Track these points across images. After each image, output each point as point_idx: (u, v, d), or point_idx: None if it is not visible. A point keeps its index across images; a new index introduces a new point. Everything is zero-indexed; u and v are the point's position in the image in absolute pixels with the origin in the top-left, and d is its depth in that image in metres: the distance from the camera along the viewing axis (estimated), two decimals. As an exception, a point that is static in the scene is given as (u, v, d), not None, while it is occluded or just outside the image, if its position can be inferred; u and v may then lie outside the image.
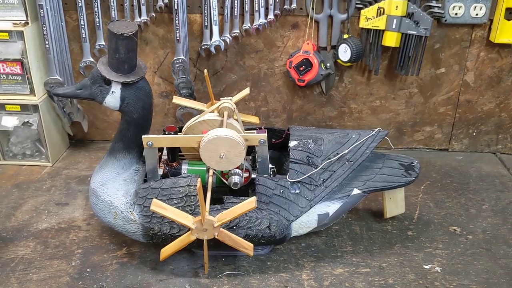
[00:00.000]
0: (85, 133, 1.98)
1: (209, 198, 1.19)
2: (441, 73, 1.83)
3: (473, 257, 1.38)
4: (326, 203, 1.27)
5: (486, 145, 1.96)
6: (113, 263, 1.34)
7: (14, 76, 1.70)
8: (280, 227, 1.24)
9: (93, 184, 1.31)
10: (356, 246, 1.42)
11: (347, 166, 1.27)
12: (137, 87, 1.20)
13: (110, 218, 1.29)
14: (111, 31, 1.09)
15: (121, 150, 1.28)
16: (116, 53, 1.11)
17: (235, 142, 1.14)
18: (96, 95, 1.21)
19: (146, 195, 1.23)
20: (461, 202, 1.64)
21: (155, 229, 1.23)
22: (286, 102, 1.91)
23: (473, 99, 1.87)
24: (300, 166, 1.25)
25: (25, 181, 1.74)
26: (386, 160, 1.35)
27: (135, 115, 1.22)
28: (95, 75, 1.18)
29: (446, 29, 1.74)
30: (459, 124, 1.93)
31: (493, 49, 1.77)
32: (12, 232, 1.47)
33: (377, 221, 1.53)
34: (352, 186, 1.29)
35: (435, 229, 1.50)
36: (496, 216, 1.56)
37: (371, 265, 1.34)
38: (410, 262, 1.36)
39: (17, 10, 1.65)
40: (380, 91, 1.87)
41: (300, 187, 1.25)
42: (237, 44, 1.80)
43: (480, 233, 1.48)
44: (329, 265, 1.34)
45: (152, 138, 1.21)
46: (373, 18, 1.67)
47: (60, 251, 1.39)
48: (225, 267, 1.33)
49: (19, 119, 1.74)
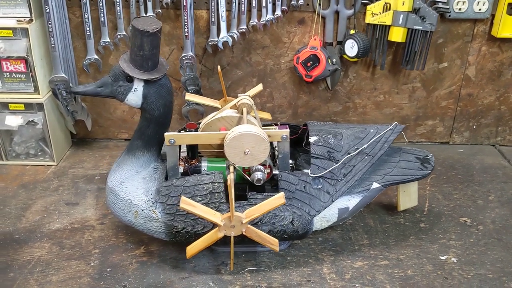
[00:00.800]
0: (87, 131, 1.96)
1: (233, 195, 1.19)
2: (444, 68, 1.86)
3: (486, 247, 1.41)
4: (346, 197, 1.29)
5: (486, 137, 2.01)
6: (133, 262, 1.33)
7: (18, 74, 1.66)
8: (302, 222, 1.25)
9: (110, 183, 1.29)
10: (372, 239, 1.44)
11: (367, 161, 1.29)
12: (159, 84, 1.19)
13: (130, 217, 1.28)
14: (136, 27, 1.08)
15: (140, 148, 1.27)
16: (141, 50, 1.10)
17: (260, 139, 1.15)
18: (117, 92, 1.19)
19: (169, 193, 1.22)
20: (468, 194, 1.68)
21: (179, 227, 1.22)
22: (291, 98, 1.92)
23: (474, 92, 1.91)
24: (322, 161, 1.27)
25: (31, 181, 1.71)
26: (402, 154, 1.37)
27: (156, 112, 1.21)
28: (117, 73, 1.17)
29: (449, 24, 1.78)
30: (460, 117, 1.97)
31: (494, 43, 1.81)
32: (25, 233, 1.44)
33: (389, 214, 1.56)
34: (372, 180, 1.30)
35: (446, 220, 1.53)
36: (503, 207, 1.60)
37: (389, 258, 1.37)
38: (426, 253, 1.38)
39: (20, 7, 1.61)
40: (384, 86, 1.90)
41: (321, 182, 1.26)
42: (243, 40, 1.79)
43: (490, 224, 1.52)
44: (348, 259, 1.36)
45: (175, 136, 1.20)
46: (379, 13, 1.69)
47: (77, 252, 1.37)
48: (246, 263, 1.33)
49: (24, 118, 1.71)
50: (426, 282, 1.28)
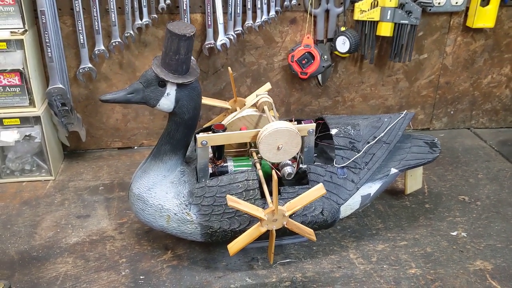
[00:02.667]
0: (79, 142, 1.91)
1: (267, 190, 1.22)
2: (424, 59, 1.99)
3: (489, 220, 1.53)
4: (368, 184, 1.36)
5: (462, 121, 2.16)
6: (164, 267, 1.33)
7: (12, 87, 1.60)
8: (331, 212, 1.30)
9: (137, 190, 1.29)
10: (386, 223, 1.52)
11: (385, 148, 1.36)
12: (191, 88, 1.20)
13: (162, 222, 1.28)
14: (173, 32, 1.08)
15: (168, 153, 1.27)
16: (177, 54, 1.10)
17: (293, 133, 1.19)
18: (149, 98, 1.18)
19: (203, 194, 1.24)
20: (459, 174, 1.80)
21: (215, 226, 1.24)
22: (284, 96, 1.97)
23: (451, 80, 2.05)
24: (345, 152, 1.33)
25: (32, 197, 1.65)
26: (412, 140, 1.47)
27: (187, 115, 1.22)
28: (149, 78, 1.16)
29: (428, 17, 1.90)
30: (439, 104, 2.10)
31: (468, 33, 1.96)
32: (42, 250, 1.40)
33: (395, 198, 1.65)
34: (390, 166, 1.38)
35: (447, 199, 1.64)
36: (492, 183, 1.74)
37: (406, 238, 1.45)
38: (438, 231, 1.48)
39: (13, 17, 1.55)
40: (371, 79, 1.99)
41: (346, 172, 1.32)
42: (237, 42, 1.83)
43: (486, 199, 1.65)
44: (370, 243, 1.43)
45: (207, 137, 1.22)
46: (367, 10, 1.78)
47: (104, 263, 1.35)
48: (276, 256, 1.37)
49: (20, 133, 1.65)
50: (446, 256, 1.37)
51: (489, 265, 1.34)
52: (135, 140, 1.96)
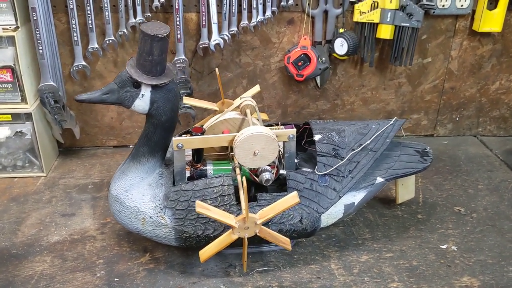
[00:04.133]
0: (74, 140, 1.91)
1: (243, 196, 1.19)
2: (428, 63, 1.92)
3: (483, 234, 1.47)
4: (352, 193, 1.31)
5: (468, 128, 2.08)
6: (140, 270, 1.31)
7: (4, 84, 1.61)
8: (311, 220, 1.26)
9: (115, 191, 1.27)
10: (374, 232, 1.47)
11: (370, 156, 1.31)
12: (166, 89, 1.18)
13: (137, 225, 1.26)
14: (146, 32, 1.06)
15: (145, 154, 1.25)
16: (150, 55, 1.08)
17: (270, 139, 1.15)
18: (124, 99, 1.17)
19: (178, 198, 1.21)
20: (458, 184, 1.73)
21: (189, 231, 1.22)
22: (281, 98, 1.93)
23: (456, 86, 1.98)
24: (327, 159, 1.28)
25: (21, 194, 1.66)
26: (402, 148, 1.41)
27: (163, 117, 1.20)
28: (123, 79, 1.15)
29: (433, 20, 1.83)
30: (444, 110, 2.03)
31: (475, 37, 1.88)
32: (23, 247, 1.40)
33: (387, 207, 1.59)
34: (375, 175, 1.33)
35: (441, 210, 1.58)
36: (492, 194, 1.67)
37: (392, 250, 1.40)
38: (428, 243, 1.42)
39: (5, 14, 1.56)
40: (372, 82, 1.94)
41: (328, 179, 1.28)
42: (233, 42, 1.80)
43: (483, 211, 1.57)
44: (354, 253, 1.38)
45: (183, 140, 1.19)
46: (367, 12, 1.73)
47: (81, 263, 1.34)
48: (254, 263, 1.34)
49: (11, 129, 1.66)
50: (432, 271, 1.32)
51: (476, 281, 1.28)
52: (130, 139, 1.95)
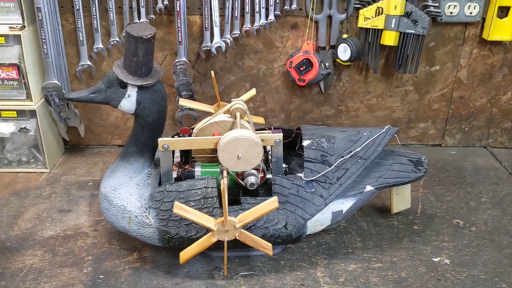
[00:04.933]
0: (80, 138, 1.95)
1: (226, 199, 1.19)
2: (436, 71, 1.88)
3: (479, 248, 1.42)
4: (340, 200, 1.29)
5: (478, 139, 2.02)
6: (126, 269, 1.33)
7: (10, 81, 1.66)
8: (296, 226, 1.25)
9: (104, 189, 1.29)
10: (366, 242, 1.44)
11: (360, 164, 1.29)
12: (153, 90, 1.19)
13: (124, 223, 1.27)
14: (130, 33, 1.08)
15: (134, 154, 1.27)
16: (135, 56, 1.10)
17: (254, 143, 1.15)
18: (111, 99, 1.19)
19: (162, 198, 1.22)
20: (460, 196, 1.68)
21: (172, 232, 1.22)
22: (284, 102, 1.92)
23: (465, 95, 1.93)
24: (315, 165, 1.27)
25: (23, 188, 1.70)
26: (395, 157, 1.38)
27: (150, 118, 1.21)
28: (110, 79, 1.17)
29: (441, 27, 1.79)
30: (452, 119, 1.98)
31: (485, 46, 1.83)
32: (17, 241, 1.43)
33: (383, 216, 1.56)
34: (365, 183, 1.31)
35: (439, 222, 1.54)
36: (495, 208, 1.61)
37: (382, 260, 1.37)
38: (420, 255, 1.39)
39: (13, 13, 1.61)
40: (377, 89, 1.91)
41: (315, 186, 1.26)
42: (236, 45, 1.80)
43: (482, 225, 1.53)
44: (342, 262, 1.36)
45: (169, 141, 1.20)
46: (372, 17, 1.70)
47: (70, 259, 1.36)
48: (239, 267, 1.33)
49: (16, 125, 1.70)
50: (420, 284, 1.28)
51: (465, 298, 1.24)
52: (134, 139, 1.98)
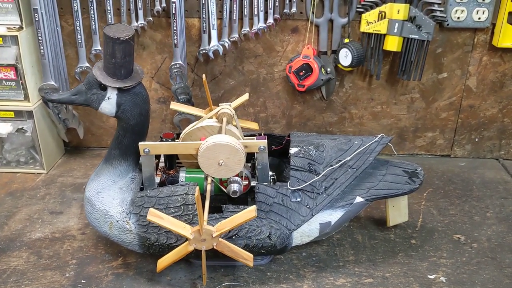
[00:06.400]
0: (80, 139, 1.95)
1: (207, 207, 1.15)
2: (443, 78, 1.80)
3: (478, 266, 1.34)
4: (328, 211, 1.24)
5: (489, 151, 1.93)
6: (109, 274, 1.30)
7: (8, 82, 1.66)
8: (280, 237, 1.20)
9: (88, 193, 1.27)
10: (359, 255, 1.38)
11: (350, 173, 1.23)
12: (133, 93, 1.16)
13: (105, 228, 1.25)
14: (107, 35, 1.06)
15: (117, 157, 1.25)
16: (113, 57, 1.08)
17: (234, 149, 1.11)
18: (91, 101, 1.17)
19: (142, 204, 1.19)
20: (465, 210, 1.60)
21: (152, 239, 1.19)
22: (285, 108, 1.88)
23: (475, 104, 1.84)
24: (302, 174, 1.22)
25: (19, 189, 1.70)
26: (389, 167, 1.32)
27: (132, 121, 1.19)
28: (90, 81, 1.15)
29: (448, 33, 1.72)
30: (462, 129, 1.89)
31: (496, 53, 1.74)
32: (5, 242, 1.43)
33: (380, 229, 1.50)
34: (355, 194, 1.25)
35: (439, 237, 1.46)
36: (500, 224, 1.53)
37: (374, 275, 1.31)
38: (414, 271, 1.32)
39: (11, 14, 1.61)
40: (382, 96, 1.84)
41: (301, 195, 1.21)
42: (236, 49, 1.77)
43: (485, 241, 1.45)
44: (331, 276, 1.30)
45: (149, 145, 1.17)
46: (374, 22, 1.64)
47: (54, 262, 1.35)
48: (224, 277, 1.29)
49: (13, 125, 1.71)
50: (411, 302, 1.22)
51: (458, 319, 1.17)
52: (133, 142, 1.96)
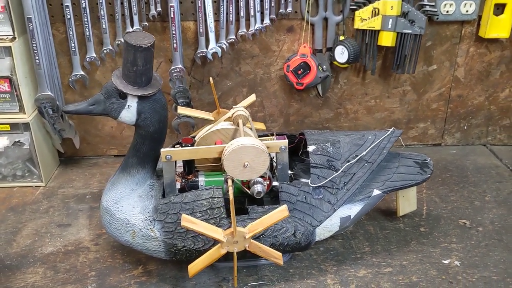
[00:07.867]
0: (75, 149, 1.91)
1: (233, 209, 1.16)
2: (433, 70, 1.87)
3: (488, 249, 1.41)
4: (348, 205, 1.27)
5: (477, 137, 2.02)
6: (132, 283, 1.29)
7: (1, 94, 1.61)
8: (305, 234, 1.23)
9: (105, 203, 1.25)
10: (374, 246, 1.42)
11: (367, 168, 1.27)
12: (153, 100, 1.16)
13: (127, 237, 1.24)
14: (129, 42, 1.04)
15: (135, 166, 1.23)
16: (134, 65, 1.07)
17: (260, 151, 1.12)
18: (110, 110, 1.15)
19: (167, 210, 1.19)
20: (464, 195, 1.67)
21: (179, 245, 1.19)
22: (282, 106, 1.90)
23: (463, 93, 1.92)
24: (321, 171, 1.24)
25: (19, 203, 1.65)
26: (401, 159, 1.36)
27: (151, 128, 1.18)
28: (109, 90, 1.13)
29: (437, 26, 1.78)
30: (451, 119, 1.97)
31: (482, 44, 1.82)
32: (17, 258, 1.39)
33: (389, 219, 1.54)
34: (372, 187, 1.29)
35: (446, 223, 1.52)
36: (500, 207, 1.60)
37: (392, 264, 1.35)
38: (429, 258, 1.37)
39: (3, 25, 1.56)
40: (375, 90, 1.89)
41: (322, 192, 1.24)
42: (232, 50, 1.77)
43: (489, 225, 1.51)
44: (352, 268, 1.34)
45: (171, 152, 1.17)
46: (368, 18, 1.69)
47: (73, 275, 1.32)
48: (248, 277, 1.30)
49: (9, 139, 1.66)
50: (432, 287, 1.26)
51: (478, 300, 1.22)
52: (130, 148, 1.94)
